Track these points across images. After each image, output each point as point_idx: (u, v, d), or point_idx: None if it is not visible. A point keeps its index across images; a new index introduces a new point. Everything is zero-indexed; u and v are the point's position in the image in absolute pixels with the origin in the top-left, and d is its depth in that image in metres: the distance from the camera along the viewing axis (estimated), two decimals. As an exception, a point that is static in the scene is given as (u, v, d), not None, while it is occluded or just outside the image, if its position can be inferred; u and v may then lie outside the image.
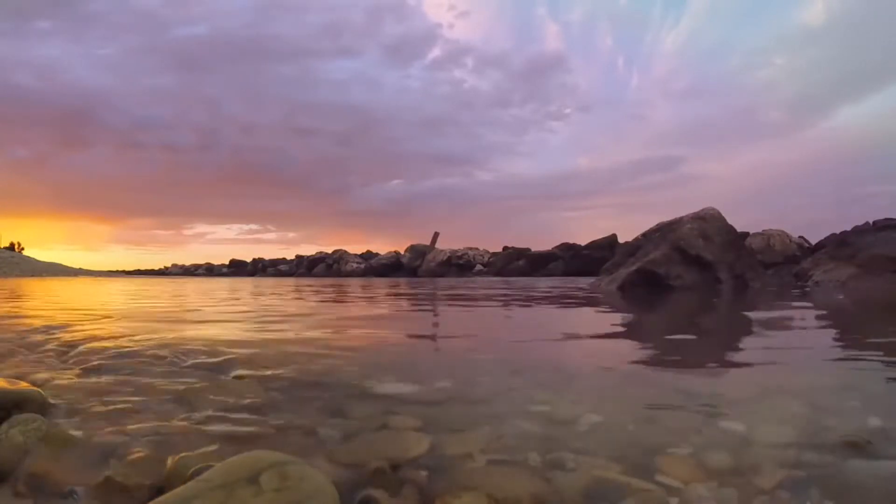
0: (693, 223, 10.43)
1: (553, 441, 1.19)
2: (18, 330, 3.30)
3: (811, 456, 1.09)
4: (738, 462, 1.07)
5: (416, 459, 1.09)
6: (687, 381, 1.87)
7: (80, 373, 1.95)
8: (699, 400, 1.54)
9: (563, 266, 30.15)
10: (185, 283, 17.61)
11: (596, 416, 1.36)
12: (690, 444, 1.16)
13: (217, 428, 1.31)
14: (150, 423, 1.36)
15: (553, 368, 2.15)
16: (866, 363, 2.20)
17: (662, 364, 2.32)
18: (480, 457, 1.11)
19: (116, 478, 0.99)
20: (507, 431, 1.26)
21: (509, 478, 1.02)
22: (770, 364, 2.27)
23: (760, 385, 1.77)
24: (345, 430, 1.28)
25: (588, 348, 2.85)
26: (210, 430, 1.28)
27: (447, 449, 1.15)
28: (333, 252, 43.85)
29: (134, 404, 1.55)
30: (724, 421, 1.33)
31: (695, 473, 1.02)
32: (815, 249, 16.43)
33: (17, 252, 35.82)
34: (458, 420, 1.36)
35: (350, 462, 1.09)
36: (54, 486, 0.97)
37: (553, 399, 1.55)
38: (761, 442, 1.18)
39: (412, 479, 1.01)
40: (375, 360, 2.33)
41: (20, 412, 1.23)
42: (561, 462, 1.08)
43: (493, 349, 2.77)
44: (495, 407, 1.50)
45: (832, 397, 1.60)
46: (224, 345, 2.48)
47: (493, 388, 1.72)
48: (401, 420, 1.34)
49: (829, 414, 1.39)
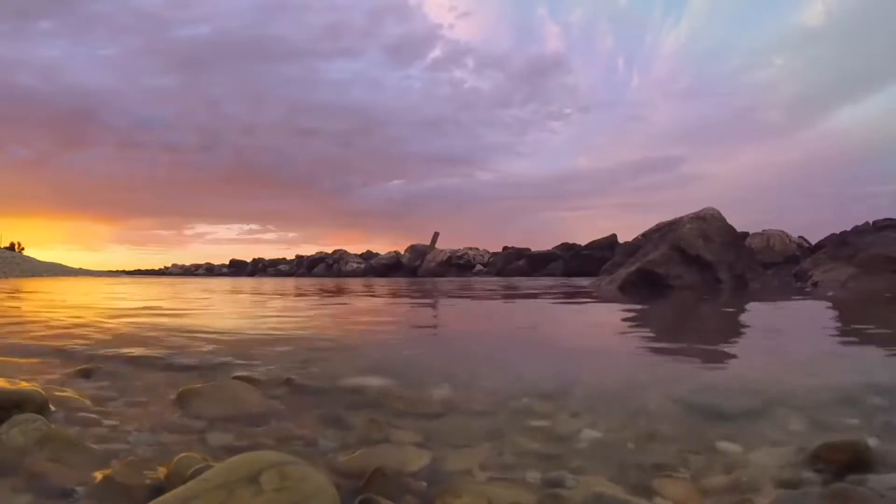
0: (693, 223, 10.43)
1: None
2: (18, 330, 3.29)
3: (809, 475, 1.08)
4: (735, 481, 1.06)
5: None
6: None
7: (81, 373, 1.95)
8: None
9: (563, 266, 30.11)
10: (207, 282, 17.53)
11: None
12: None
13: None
14: (150, 422, 1.37)
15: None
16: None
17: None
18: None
19: (116, 478, 0.99)
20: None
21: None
22: (766, 365, 2.26)
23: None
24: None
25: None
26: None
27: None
28: (333, 252, 43.81)
29: (136, 405, 1.55)
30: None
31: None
32: (814, 249, 16.41)
33: (17, 252, 35.81)
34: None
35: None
36: (54, 486, 0.97)
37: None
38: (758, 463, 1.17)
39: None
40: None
41: (20, 412, 1.23)
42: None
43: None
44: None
45: (833, 409, 1.57)
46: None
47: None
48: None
49: (829, 429, 1.37)
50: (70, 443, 1.15)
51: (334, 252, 43.78)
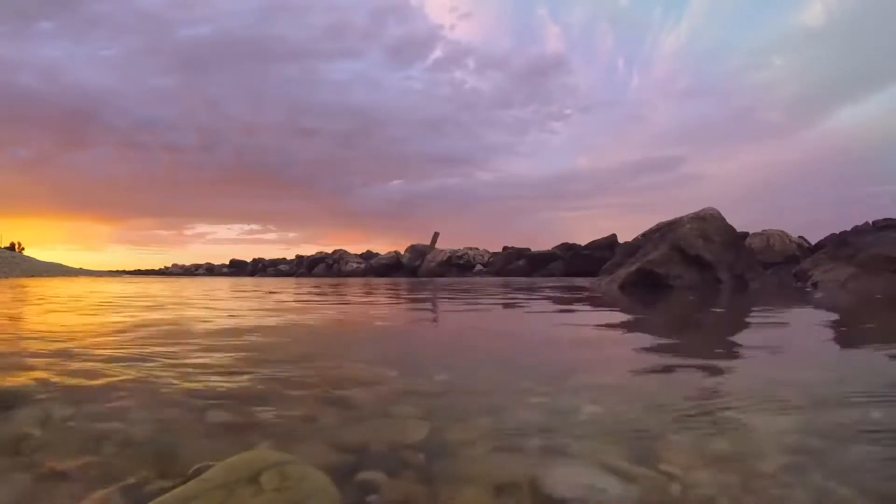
0: (693, 223, 10.43)
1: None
2: (18, 327, 3.30)
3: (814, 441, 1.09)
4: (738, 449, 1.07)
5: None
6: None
7: (81, 369, 1.95)
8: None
9: (563, 266, 30.12)
10: (222, 282, 17.50)
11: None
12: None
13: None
14: (152, 417, 1.37)
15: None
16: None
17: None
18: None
19: (114, 471, 1.00)
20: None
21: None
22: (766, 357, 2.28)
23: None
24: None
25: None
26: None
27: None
28: (333, 252, 43.83)
29: (136, 401, 1.55)
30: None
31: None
32: (814, 249, 16.42)
33: (17, 252, 35.82)
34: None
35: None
36: (54, 480, 0.98)
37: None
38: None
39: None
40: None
41: (20, 405, 1.23)
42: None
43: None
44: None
45: (832, 387, 1.60)
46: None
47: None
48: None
49: (830, 406, 1.39)
50: (69, 435, 1.16)
51: (334, 252, 43.80)
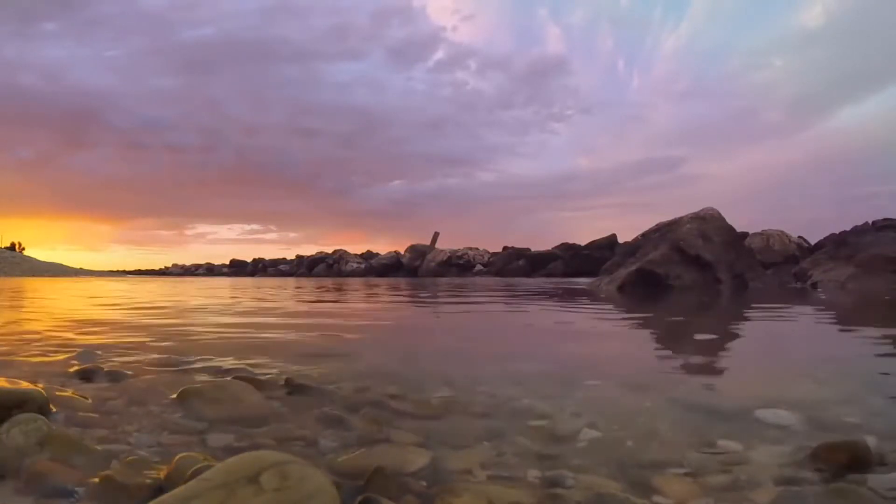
0: (693, 223, 10.43)
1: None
2: (18, 330, 3.30)
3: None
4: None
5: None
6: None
7: (81, 372, 1.95)
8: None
9: (563, 266, 30.12)
10: (232, 282, 17.46)
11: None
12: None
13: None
14: (151, 422, 1.37)
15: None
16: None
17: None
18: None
19: (116, 477, 1.00)
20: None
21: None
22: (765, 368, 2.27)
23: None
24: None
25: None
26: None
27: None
28: (334, 252, 43.83)
29: (136, 404, 1.55)
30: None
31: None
32: (814, 249, 16.42)
33: (18, 252, 35.81)
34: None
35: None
36: (55, 486, 0.98)
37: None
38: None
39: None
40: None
41: (21, 412, 1.23)
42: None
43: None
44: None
45: (833, 409, 1.58)
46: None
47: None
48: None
49: (827, 430, 1.37)
50: (71, 443, 1.15)
51: (335, 252, 43.81)
